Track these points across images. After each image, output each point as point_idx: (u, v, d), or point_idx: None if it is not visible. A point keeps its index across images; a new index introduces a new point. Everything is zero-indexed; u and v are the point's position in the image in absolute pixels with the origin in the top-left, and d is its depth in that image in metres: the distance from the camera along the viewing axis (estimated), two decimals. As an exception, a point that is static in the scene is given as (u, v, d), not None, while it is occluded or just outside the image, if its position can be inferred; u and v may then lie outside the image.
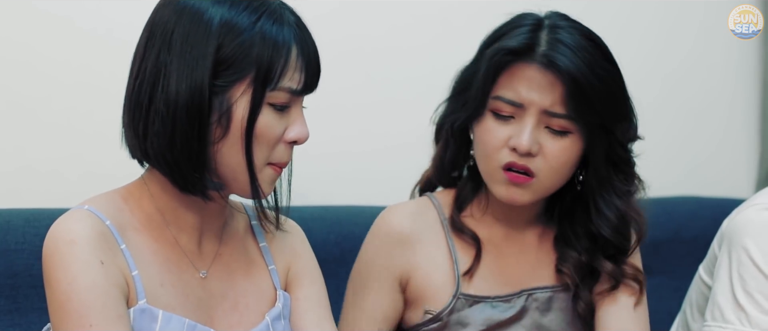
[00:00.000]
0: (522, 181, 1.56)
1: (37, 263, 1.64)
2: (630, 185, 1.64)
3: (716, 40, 2.48)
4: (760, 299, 1.64)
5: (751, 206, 1.73)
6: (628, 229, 1.64)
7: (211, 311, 1.37)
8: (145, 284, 1.29)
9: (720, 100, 2.53)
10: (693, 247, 2.06)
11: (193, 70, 1.27)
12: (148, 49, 1.31)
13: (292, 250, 1.50)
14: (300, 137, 1.34)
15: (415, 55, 2.15)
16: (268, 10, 1.30)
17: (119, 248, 1.29)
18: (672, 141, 2.43)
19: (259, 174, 1.32)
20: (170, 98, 1.27)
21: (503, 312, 1.63)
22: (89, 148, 1.93)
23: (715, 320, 1.67)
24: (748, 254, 1.66)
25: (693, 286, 1.91)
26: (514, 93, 1.54)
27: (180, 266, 1.36)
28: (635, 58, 2.10)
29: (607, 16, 2.22)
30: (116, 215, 1.32)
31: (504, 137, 1.55)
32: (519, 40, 1.54)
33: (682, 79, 2.47)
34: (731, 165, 2.55)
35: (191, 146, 1.28)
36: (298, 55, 1.31)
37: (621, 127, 1.59)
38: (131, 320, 1.27)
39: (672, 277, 2.10)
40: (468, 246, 1.66)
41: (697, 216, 2.22)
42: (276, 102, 1.31)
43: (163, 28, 1.30)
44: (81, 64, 1.91)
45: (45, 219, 1.68)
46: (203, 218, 1.38)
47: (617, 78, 1.58)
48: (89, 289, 1.23)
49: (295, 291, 1.48)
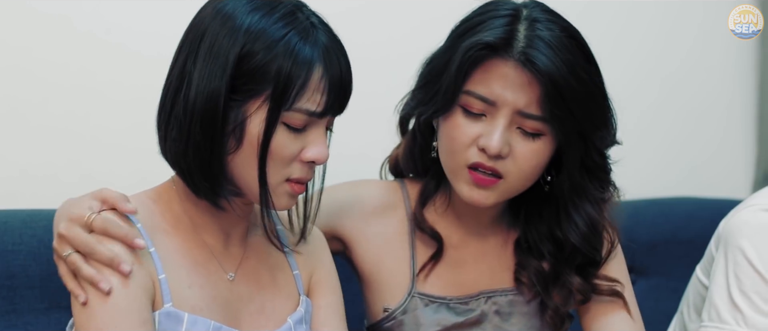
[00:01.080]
0: (488, 183, 1.48)
1: (33, 264, 1.65)
2: (604, 191, 1.56)
3: (714, 43, 2.48)
4: (756, 300, 1.64)
5: (748, 207, 1.73)
6: (598, 238, 1.57)
7: (237, 313, 1.37)
8: (171, 287, 1.30)
9: (718, 103, 2.53)
10: (690, 248, 2.06)
11: (211, 81, 1.26)
12: (180, 53, 1.31)
13: (315, 257, 1.50)
14: (317, 159, 1.31)
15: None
16: (298, 27, 1.27)
17: (148, 251, 1.29)
18: (669, 143, 2.44)
19: (275, 189, 1.31)
20: (188, 106, 1.27)
21: (460, 315, 1.58)
22: (86, 151, 1.93)
23: (712, 320, 1.68)
24: (744, 255, 1.66)
25: (690, 287, 1.91)
26: (488, 90, 1.44)
27: (208, 267, 1.36)
28: (634, 60, 2.10)
29: (605, 18, 2.22)
30: (146, 216, 1.32)
31: (473, 135, 1.46)
32: (496, 33, 1.43)
33: (680, 82, 2.47)
34: (728, 167, 2.55)
35: (203, 156, 1.28)
36: (322, 75, 1.28)
37: (599, 132, 1.50)
38: (157, 324, 1.27)
39: (669, 278, 2.10)
40: (428, 243, 1.61)
41: (694, 217, 2.21)
42: (291, 123, 1.28)
43: (195, 33, 1.30)
44: (79, 67, 1.91)
45: (42, 220, 1.68)
46: (228, 221, 1.38)
47: (597, 81, 1.48)
48: (117, 292, 1.23)
49: (317, 298, 1.48)
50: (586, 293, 1.57)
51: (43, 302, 1.67)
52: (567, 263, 1.57)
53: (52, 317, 1.67)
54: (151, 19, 1.96)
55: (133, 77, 1.94)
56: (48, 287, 1.67)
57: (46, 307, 1.67)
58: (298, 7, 1.30)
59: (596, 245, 1.57)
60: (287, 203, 1.34)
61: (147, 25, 1.95)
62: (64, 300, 1.68)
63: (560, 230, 1.55)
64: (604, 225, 1.57)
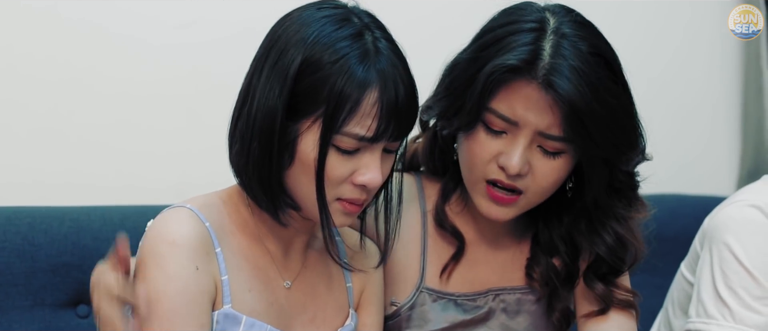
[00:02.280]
0: (506, 200, 1.46)
1: (17, 261, 1.64)
2: (631, 210, 1.54)
3: (700, 44, 2.51)
4: (743, 295, 1.64)
5: (733, 202, 1.73)
6: (625, 251, 1.55)
7: (291, 321, 1.38)
8: (232, 289, 1.30)
9: (704, 102, 2.55)
10: (675, 245, 2.06)
11: (271, 97, 1.25)
12: (253, 65, 1.31)
13: (369, 273, 1.50)
14: (369, 184, 1.29)
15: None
16: (361, 48, 1.26)
17: (214, 251, 1.30)
18: (655, 141, 2.44)
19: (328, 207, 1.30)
20: (250, 120, 1.27)
21: (468, 312, 1.57)
22: (70, 149, 1.92)
23: (699, 316, 1.68)
24: (730, 250, 1.67)
25: (675, 283, 1.91)
26: (510, 110, 1.41)
27: (268, 273, 1.36)
28: (622, 60, 2.10)
29: (593, 19, 2.23)
30: (216, 216, 1.32)
31: (493, 152, 1.44)
32: (520, 54, 1.40)
33: (667, 82, 2.48)
34: (713, 164, 2.56)
35: (262, 172, 1.28)
36: (377, 100, 1.25)
37: (625, 155, 1.47)
38: (215, 323, 1.28)
39: (654, 274, 2.10)
40: (444, 241, 1.59)
41: (679, 214, 2.22)
42: (341, 146, 1.26)
43: (265, 47, 1.30)
44: (63, 63, 1.90)
45: (26, 217, 1.68)
46: (288, 232, 1.38)
47: (625, 103, 1.45)
48: (180, 293, 1.24)
49: (363, 315, 1.48)
50: (607, 301, 1.56)
51: (26, 300, 1.66)
52: (592, 270, 1.56)
53: (36, 314, 1.67)
54: (138, 13, 1.95)
55: (119, 73, 1.94)
56: (32, 285, 1.66)
57: (30, 305, 1.67)
58: (367, 27, 1.29)
59: (623, 257, 1.56)
60: (343, 221, 1.33)
61: (133, 19, 1.94)
62: (48, 298, 1.68)
63: (585, 240, 1.55)
64: (629, 240, 1.55)
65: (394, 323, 1.56)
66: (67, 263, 1.68)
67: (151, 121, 1.98)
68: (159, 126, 1.99)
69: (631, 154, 1.48)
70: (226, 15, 2.01)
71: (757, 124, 2.47)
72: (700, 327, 1.68)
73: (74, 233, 1.68)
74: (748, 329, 1.63)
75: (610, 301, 1.56)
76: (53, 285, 1.67)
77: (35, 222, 1.68)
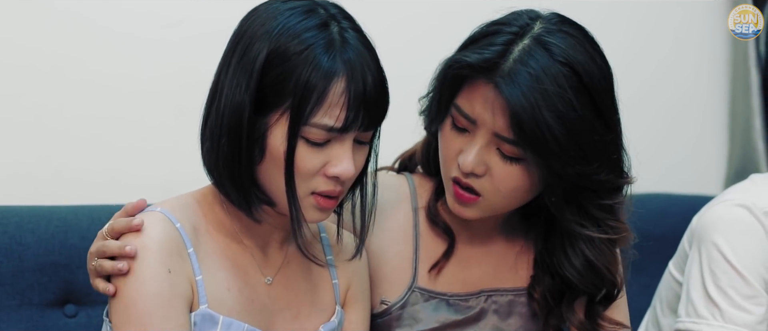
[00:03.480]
0: (466, 199, 1.46)
1: (5, 260, 1.64)
2: (600, 231, 1.47)
3: (688, 47, 2.53)
4: (732, 295, 1.65)
5: (721, 202, 1.74)
6: (598, 278, 1.50)
7: (272, 318, 1.37)
8: (208, 289, 1.30)
9: (692, 101, 2.56)
10: (663, 244, 2.07)
11: (237, 93, 1.25)
12: (221, 61, 1.31)
13: (355, 270, 1.49)
14: (341, 175, 1.27)
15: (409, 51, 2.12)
16: (327, 38, 1.25)
17: (187, 252, 1.29)
18: (644, 141, 2.45)
19: (301, 202, 1.29)
20: (219, 117, 1.27)
21: (459, 312, 1.57)
22: (58, 147, 1.91)
23: (689, 315, 1.69)
24: (718, 250, 1.68)
25: (663, 282, 1.92)
26: (470, 107, 1.42)
27: (248, 271, 1.36)
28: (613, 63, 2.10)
29: (582, 20, 2.23)
30: (189, 217, 1.32)
31: (456, 149, 1.45)
32: (484, 55, 1.39)
33: (655, 81, 2.50)
34: (701, 164, 2.57)
35: (232, 168, 1.27)
36: (344, 90, 1.24)
37: (587, 170, 1.41)
38: (193, 324, 1.27)
39: (642, 274, 2.11)
40: (437, 239, 1.59)
41: (667, 213, 2.23)
42: (310, 138, 1.25)
43: (232, 42, 1.29)
44: (51, 55, 1.89)
45: (13, 216, 1.67)
46: (264, 229, 1.37)
47: (588, 119, 1.39)
48: (154, 296, 1.23)
49: (350, 312, 1.48)
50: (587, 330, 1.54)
51: (13, 299, 1.65)
52: (569, 295, 1.53)
53: (24, 313, 1.66)
54: (127, 9, 1.94)
55: (108, 69, 1.93)
56: (19, 284, 1.66)
57: (17, 304, 1.66)
58: (333, 17, 1.28)
59: (597, 284, 1.51)
60: (316, 216, 1.32)
61: (123, 14, 1.94)
62: (36, 297, 1.67)
63: (558, 261, 1.51)
64: (601, 266, 1.49)
65: (384, 321, 1.56)
66: (55, 263, 1.67)
67: (140, 117, 1.98)
68: (147, 123, 1.99)
69: (597, 170, 1.41)
70: (215, 12, 2.00)
71: (745, 124, 2.48)
72: (690, 327, 1.69)
73: (62, 232, 1.67)
74: (738, 329, 1.64)
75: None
76: (41, 284, 1.66)
77: (22, 221, 1.67)
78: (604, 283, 1.51)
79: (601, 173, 1.42)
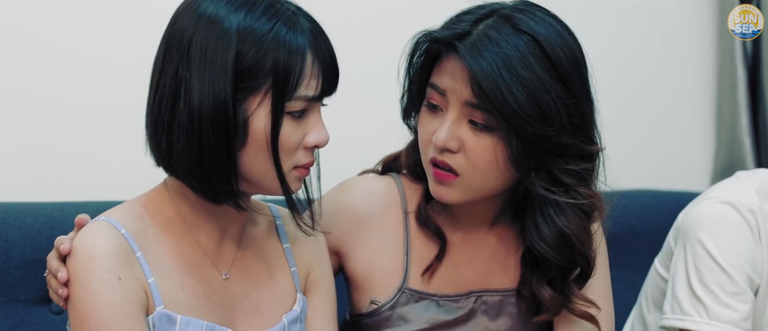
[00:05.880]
0: (445, 178, 1.48)
1: (-10, 258, 1.63)
2: (572, 199, 1.48)
3: (676, 45, 2.53)
4: (717, 292, 1.65)
5: (706, 199, 1.74)
6: (570, 250, 1.49)
7: (232, 312, 1.38)
8: (162, 290, 1.31)
9: (679, 99, 2.57)
10: (649, 240, 2.08)
11: (214, 84, 1.26)
12: (167, 63, 1.30)
13: (314, 255, 1.50)
14: (320, 142, 1.35)
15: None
16: (282, 18, 1.29)
17: (135, 256, 1.30)
18: (632, 138, 2.46)
19: (287, 177, 1.33)
20: (194, 114, 1.27)
21: (449, 313, 1.57)
22: (43, 143, 1.91)
23: (674, 312, 1.69)
24: (703, 247, 1.68)
25: (648, 279, 1.92)
26: (441, 81, 1.47)
27: (202, 268, 1.37)
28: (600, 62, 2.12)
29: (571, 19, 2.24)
30: (135, 222, 1.33)
31: (432, 131, 1.48)
32: (451, 31, 1.45)
33: (644, 79, 2.50)
34: (687, 160, 2.58)
35: (221, 160, 1.28)
36: (313, 61, 1.31)
37: (547, 131, 1.42)
38: (151, 327, 1.28)
39: (627, 270, 2.12)
40: (428, 242, 1.60)
41: (653, 209, 2.23)
42: (293, 110, 1.31)
43: (180, 40, 1.29)
44: (36, 54, 1.88)
45: None
46: (225, 219, 1.38)
47: (547, 81, 1.42)
48: (108, 306, 1.25)
49: (312, 298, 1.49)
50: (556, 308, 1.53)
51: (0, 296, 1.65)
52: (542, 274, 1.53)
53: (10, 310, 1.66)
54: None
55: (98, 63, 1.92)
56: (5, 281, 1.65)
57: (3, 301, 1.66)
58: None
59: (569, 256, 1.50)
60: (297, 188, 1.37)
61: (105, 2, 1.92)
62: (22, 294, 1.67)
63: (530, 236, 1.50)
64: (573, 235, 1.48)
65: (373, 321, 1.57)
66: (41, 259, 1.64)
67: (125, 106, 1.95)
68: (132, 112, 1.97)
69: (545, 130, 1.42)
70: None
71: (732, 121, 2.49)
72: (675, 324, 1.69)
73: (48, 228, 1.67)
74: (723, 325, 1.64)
75: (558, 308, 1.53)
76: (27, 281, 1.66)
77: (8, 218, 1.66)
78: (575, 255, 1.50)
79: (563, 136, 1.44)
